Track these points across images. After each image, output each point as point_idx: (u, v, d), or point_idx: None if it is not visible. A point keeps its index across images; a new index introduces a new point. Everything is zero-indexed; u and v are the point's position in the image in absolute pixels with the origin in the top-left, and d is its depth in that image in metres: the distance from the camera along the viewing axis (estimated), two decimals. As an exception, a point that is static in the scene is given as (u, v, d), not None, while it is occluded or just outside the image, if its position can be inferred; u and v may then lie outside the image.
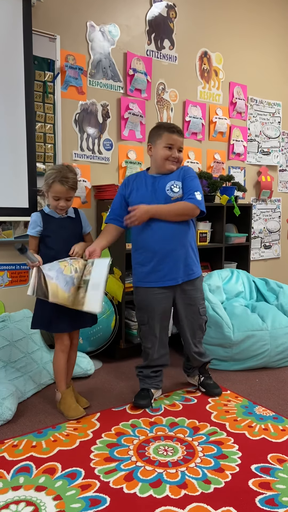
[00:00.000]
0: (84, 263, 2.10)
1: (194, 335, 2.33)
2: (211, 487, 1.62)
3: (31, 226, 2.14)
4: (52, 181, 2.05)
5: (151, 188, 2.19)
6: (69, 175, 2.06)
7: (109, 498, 1.55)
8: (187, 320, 2.29)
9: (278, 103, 4.27)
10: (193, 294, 2.26)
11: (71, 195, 2.11)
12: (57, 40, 2.81)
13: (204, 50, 3.66)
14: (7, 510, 1.49)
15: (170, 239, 2.16)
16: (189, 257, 2.22)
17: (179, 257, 2.19)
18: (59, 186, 2.05)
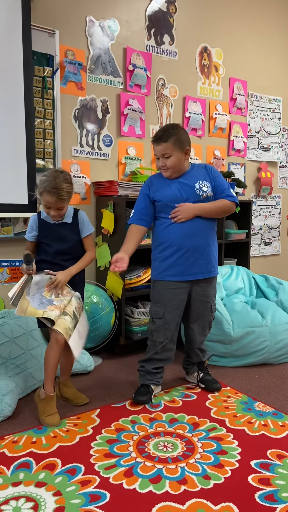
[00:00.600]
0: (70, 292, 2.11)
1: (203, 332, 2.39)
2: (211, 483, 1.62)
3: (28, 230, 2.16)
4: (42, 190, 2.00)
5: (177, 187, 2.20)
6: (62, 186, 1.99)
7: (109, 494, 1.56)
8: (199, 317, 2.34)
9: (279, 99, 4.25)
10: (209, 291, 2.32)
11: (62, 205, 2.05)
12: (56, 35, 2.79)
13: (204, 46, 3.65)
14: (7, 506, 1.50)
15: (193, 235, 2.20)
16: (211, 254, 2.27)
17: (201, 253, 2.23)
18: (49, 197, 1.99)
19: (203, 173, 2.25)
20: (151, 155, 3.40)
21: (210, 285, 2.33)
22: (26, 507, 1.49)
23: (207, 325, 2.40)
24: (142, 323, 2.96)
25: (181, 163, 2.19)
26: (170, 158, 2.15)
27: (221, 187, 2.24)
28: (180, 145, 2.15)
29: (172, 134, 2.13)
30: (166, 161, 2.16)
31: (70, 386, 2.29)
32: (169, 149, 2.14)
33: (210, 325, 2.42)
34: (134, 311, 2.97)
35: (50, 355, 2.05)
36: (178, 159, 2.16)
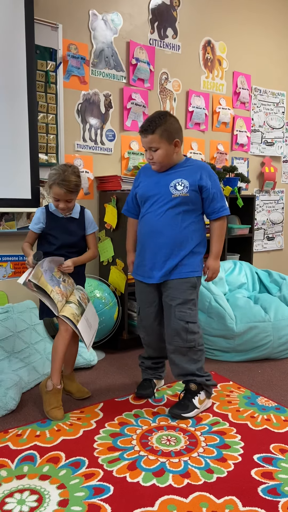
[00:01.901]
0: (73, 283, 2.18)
1: (170, 340, 2.11)
2: (214, 477, 1.63)
3: (34, 222, 2.16)
4: (52, 182, 2.05)
5: (156, 181, 2.10)
6: (70, 178, 2.04)
7: (113, 487, 1.57)
8: (166, 321, 2.13)
9: (282, 93, 4.23)
10: (175, 294, 2.07)
11: (70, 197, 2.09)
12: (59, 29, 2.78)
13: (208, 39, 3.62)
14: (11, 498, 1.51)
15: (157, 234, 2.07)
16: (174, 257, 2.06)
17: (164, 255, 2.06)
18: (58, 189, 2.04)
19: (192, 172, 2.04)
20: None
21: (176, 288, 2.06)
22: (30, 499, 1.50)
23: (174, 333, 2.07)
24: (145, 318, 2.96)
25: (169, 156, 2.02)
26: (157, 151, 2.00)
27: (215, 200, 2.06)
28: (168, 136, 1.98)
29: (159, 124, 1.96)
30: (153, 154, 2.01)
31: (73, 380, 2.30)
32: (155, 141, 1.98)
33: (180, 334, 2.06)
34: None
35: (59, 344, 2.07)
36: (166, 152, 2.00)
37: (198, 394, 2.12)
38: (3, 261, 2.75)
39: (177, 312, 2.07)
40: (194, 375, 2.12)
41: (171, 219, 2.05)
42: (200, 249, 2.13)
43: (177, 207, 2.04)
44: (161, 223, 2.06)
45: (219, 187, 2.09)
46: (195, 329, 2.09)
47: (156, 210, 2.08)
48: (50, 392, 2.08)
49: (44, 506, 1.47)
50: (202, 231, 2.15)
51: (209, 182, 2.05)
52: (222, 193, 2.12)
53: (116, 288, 2.95)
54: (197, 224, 2.11)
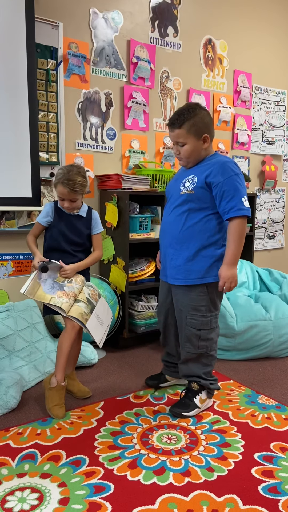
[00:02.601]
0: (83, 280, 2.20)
1: (183, 344, 2.08)
2: (214, 475, 1.64)
3: (42, 215, 2.19)
4: (56, 181, 2.10)
5: (176, 177, 2.10)
6: (75, 178, 2.06)
7: (113, 485, 1.57)
8: (179, 325, 2.11)
9: (283, 92, 4.22)
10: (182, 299, 2.03)
11: (75, 197, 2.11)
12: (60, 28, 2.78)
13: (209, 38, 3.62)
14: (12, 496, 1.51)
15: (165, 234, 2.08)
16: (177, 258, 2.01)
17: (168, 256, 2.06)
18: (62, 188, 2.08)
19: (206, 169, 1.93)
20: (155, 148, 3.39)
21: (185, 294, 2.01)
22: (31, 498, 1.50)
23: (186, 339, 2.04)
24: (145, 316, 2.97)
25: (197, 152, 1.93)
26: (184, 147, 1.92)
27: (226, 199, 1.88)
28: (197, 131, 1.88)
29: (188, 118, 1.87)
30: (180, 149, 1.94)
31: (74, 379, 2.30)
32: (182, 136, 1.89)
33: (191, 341, 2.03)
34: (138, 304, 2.97)
35: (65, 341, 2.08)
36: (193, 147, 1.91)
37: (199, 393, 2.12)
38: (3, 260, 2.75)
39: (188, 319, 2.02)
40: (200, 378, 2.11)
41: (176, 217, 2.00)
42: (210, 252, 1.97)
43: (182, 205, 1.98)
44: (168, 221, 2.05)
45: (235, 184, 1.87)
46: (208, 336, 2.03)
47: (168, 208, 2.08)
48: (54, 389, 2.09)
49: (45, 504, 1.47)
50: (214, 232, 1.97)
51: (220, 179, 1.87)
52: (240, 192, 1.88)
53: (116, 286, 2.95)
54: (206, 224, 1.95)
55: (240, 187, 1.89)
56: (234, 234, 1.89)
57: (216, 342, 2.10)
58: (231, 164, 1.92)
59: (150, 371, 2.59)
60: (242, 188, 1.90)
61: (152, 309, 3.00)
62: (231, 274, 1.91)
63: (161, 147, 3.41)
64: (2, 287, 2.76)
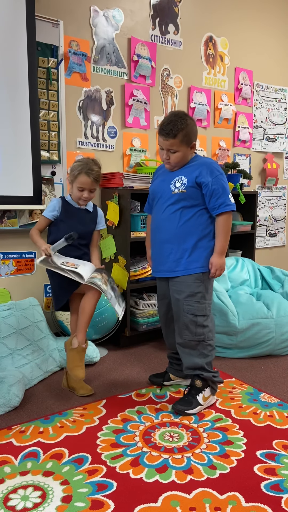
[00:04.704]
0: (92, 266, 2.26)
1: (180, 333, 2.15)
2: (217, 473, 1.64)
3: (49, 209, 2.24)
4: (78, 172, 2.16)
5: (163, 179, 2.18)
6: (94, 168, 2.18)
7: (116, 483, 1.57)
8: (176, 315, 2.17)
9: (285, 89, 4.21)
10: (181, 287, 2.11)
11: (95, 187, 2.21)
12: (61, 26, 2.77)
13: (209, 35, 3.61)
14: (15, 494, 1.52)
15: (159, 230, 2.17)
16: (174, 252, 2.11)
17: (164, 250, 2.14)
18: (85, 178, 2.16)
19: (193, 169, 2.07)
20: (156, 146, 3.39)
21: (182, 283, 2.11)
22: (34, 495, 1.51)
23: (183, 326, 2.11)
24: (147, 314, 2.97)
25: (186, 158, 2.10)
26: (175, 154, 2.06)
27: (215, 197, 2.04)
28: (188, 140, 2.04)
29: (181, 129, 2.00)
30: (171, 155, 2.07)
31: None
32: (175, 145, 2.03)
33: (189, 327, 2.10)
34: (139, 302, 2.98)
35: (87, 302, 2.18)
36: (183, 154, 2.07)
37: (203, 391, 2.13)
38: (5, 259, 2.76)
39: (185, 305, 2.11)
40: (203, 370, 2.14)
41: (170, 215, 2.11)
42: (205, 243, 2.12)
43: (175, 204, 2.10)
44: (162, 219, 2.15)
45: (221, 183, 2.06)
46: (204, 323, 2.12)
47: (159, 207, 2.17)
48: (75, 350, 2.18)
49: (47, 502, 1.48)
50: (206, 225, 2.12)
51: (209, 178, 2.04)
52: (226, 190, 2.07)
53: (118, 285, 2.95)
54: (199, 218, 2.10)
55: (226, 185, 2.10)
56: (223, 227, 2.10)
57: (213, 332, 2.18)
58: (216, 165, 2.11)
59: (152, 369, 2.59)
60: (227, 186, 2.10)
61: (154, 307, 3.00)
62: (222, 262, 2.12)
63: (162, 145, 3.41)
64: (4, 285, 2.76)
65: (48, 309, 2.94)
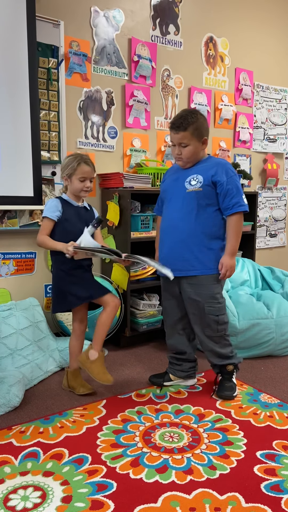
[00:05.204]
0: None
1: (203, 331, 2.21)
2: (217, 473, 1.64)
3: (51, 210, 2.17)
4: (77, 163, 2.15)
5: (176, 178, 2.19)
6: (88, 158, 2.21)
7: (116, 483, 1.57)
8: (194, 316, 2.22)
9: (285, 89, 4.21)
10: (198, 289, 2.15)
11: (94, 176, 2.22)
12: (61, 26, 2.77)
13: (210, 35, 3.61)
14: (15, 495, 1.52)
15: (172, 230, 2.16)
16: (188, 251, 2.12)
17: (178, 249, 2.14)
18: (85, 166, 2.16)
19: (208, 168, 2.10)
20: (156, 147, 3.39)
21: (201, 284, 2.14)
22: (34, 496, 1.51)
23: (206, 325, 2.18)
24: (147, 315, 2.97)
25: (197, 153, 2.11)
26: (186, 148, 2.08)
27: (229, 197, 2.07)
28: (199, 134, 2.07)
29: (191, 122, 2.04)
30: (182, 150, 2.09)
31: (77, 376, 2.32)
32: (186, 138, 2.06)
33: (211, 326, 2.18)
34: (140, 303, 2.98)
35: (108, 317, 2.20)
36: (195, 148, 2.09)
37: (234, 373, 2.31)
38: (5, 259, 2.76)
39: (206, 307, 2.16)
40: (230, 358, 2.27)
41: (184, 214, 2.12)
42: (220, 243, 2.15)
43: (191, 202, 2.10)
44: (177, 218, 2.15)
45: (236, 183, 2.09)
46: (225, 319, 2.22)
47: (173, 205, 2.18)
48: (97, 360, 2.19)
49: (47, 502, 1.48)
50: (221, 225, 2.15)
51: (224, 178, 2.07)
52: (239, 190, 2.10)
53: (118, 285, 2.95)
54: (215, 218, 2.13)
55: (240, 186, 2.12)
56: (234, 227, 2.11)
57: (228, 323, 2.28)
58: (230, 166, 2.14)
59: (152, 370, 2.59)
60: (240, 187, 2.13)
61: (154, 307, 3.00)
62: (233, 263, 2.13)
63: (162, 145, 3.41)
64: (4, 286, 2.76)
65: (48, 309, 2.94)
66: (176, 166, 2.26)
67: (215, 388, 2.31)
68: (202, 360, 2.77)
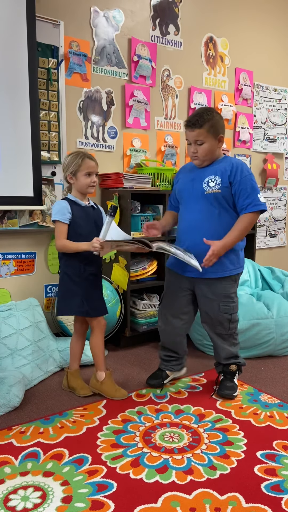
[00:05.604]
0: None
1: (215, 329, 2.24)
2: (217, 473, 1.64)
3: (61, 212, 2.12)
4: (81, 159, 2.13)
5: (192, 178, 2.17)
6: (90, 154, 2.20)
7: (116, 484, 1.57)
8: (206, 315, 2.23)
9: (285, 89, 4.21)
10: (213, 289, 2.17)
11: (98, 171, 2.21)
12: (61, 26, 2.77)
13: (210, 36, 3.61)
14: (15, 495, 1.52)
15: (192, 231, 2.15)
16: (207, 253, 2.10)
17: (198, 251, 2.11)
18: (90, 161, 2.15)
19: (224, 168, 2.09)
20: (156, 147, 3.39)
21: (219, 284, 2.16)
22: (34, 496, 1.51)
23: (218, 323, 2.21)
24: (147, 315, 2.97)
25: (213, 151, 2.10)
26: (202, 145, 2.06)
27: (243, 197, 2.06)
28: (215, 132, 2.06)
29: (207, 119, 2.04)
30: (198, 148, 2.07)
31: (77, 377, 2.32)
32: (202, 135, 2.05)
33: (223, 324, 2.21)
34: (140, 303, 2.98)
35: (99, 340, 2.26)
36: (211, 146, 2.07)
37: (236, 374, 2.33)
38: (5, 259, 2.76)
39: (221, 306, 2.18)
40: (237, 357, 2.30)
41: (205, 215, 2.12)
42: (239, 245, 2.17)
43: (210, 204, 2.10)
44: (197, 219, 2.14)
45: (251, 183, 2.08)
46: (236, 318, 2.25)
47: (192, 207, 2.16)
48: (106, 379, 2.24)
49: (47, 502, 1.48)
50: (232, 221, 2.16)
51: (237, 178, 2.06)
52: (255, 189, 2.08)
53: (118, 285, 2.95)
54: (233, 220, 2.11)
55: (255, 185, 2.10)
56: (242, 224, 2.08)
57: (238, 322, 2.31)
58: (245, 166, 2.12)
59: (152, 370, 2.59)
60: (256, 186, 2.10)
61: (154, 307, 3.00)
62: (220, 254, 2.07)
63: (162, 145, 3.41)
64: (4, 286, 2.76)
65: (49, 309, 2.94)
66: (190, 164, 2.25)
67: (215, 388, 2.31)
68: (202, 360, 2.78)
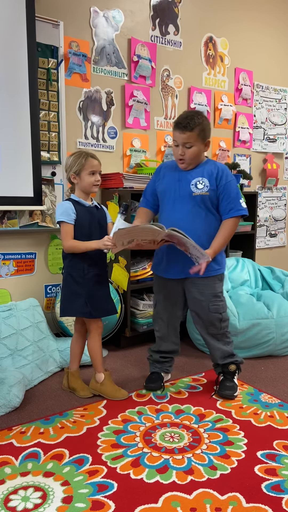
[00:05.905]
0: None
1: (207, 330, 2.25)
2: (217, 473, 1.64)
3: (66, 213, 2.11)
4: (84, 159, 2.12)
5: (178, 178, 2.16)
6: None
7: (116, 484, 1.57)
8: (197, 315, 2.24)
9: (285, 89, 4.21)
10: (202, 289, 2.18)
11: (101, 169, 2.20)
12: (61, 26, 2.77)
13: (210, 36, 3.61)
14: (15, 495, 1.52)
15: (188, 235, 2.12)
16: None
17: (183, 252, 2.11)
18: (94, 160, 2.14)
19: (211, 171, 2.12)
20: (156, 147, 3.39)
21: (206, 284, 2.18)
22: (34, 496, 1.51)
23: (210, 323, 2.22)
24: (147, 315, 2.97)
25: (200, 155, 2.12)
26: (191, 149, 2.06)
27: (227, 201, 2.10)
28: (204, 136, 2.08)
29: (198, 123, 2.04)
30: (186, 151, 2.07)
31: (77, 377, 2.31)
32: (192, 138, 2.04)
33: (215, 324, 2.22)
34: (140, 303, 2.98)
35: (96, 343, 2.24)
36: (198, 150, 2.09)
37: (236, 373, 2.33)
38: (5, 259, 2.76)
39: (211, 306, 2.20)
40: (233, 356, 2.31)
41: (192, 217, 2.12)
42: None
43: (198, 205, 2.11)
44: (184, 220, 2.12)
45: (234, 188, 2.12)
46: (226, 317, 2.28)
47: (178, 207, 2.15)
48: (105, 380, 2.25)
49: (48, 503, 1.48)
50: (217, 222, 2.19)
51: (223, 181, 2.10)
52: (238, 195, 2.12)
53: (118, 285, 2.95)
54: (217, 222, 2.16)
55: (238, 190, 2.15)
56: (227, 229, 2.14)
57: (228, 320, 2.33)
58: (229, 170, 2.18)
59: (152, 370, 2.59)
60: (239, 192, 2.15)
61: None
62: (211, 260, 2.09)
63: (162, 145, 3.41)
64: (4, 286, 2.76)
65: (49, 309, 2.94)
66: (173, 163, 2.23)
67: (216, 388, 2.31)
68: (202, 360, 2.78)
